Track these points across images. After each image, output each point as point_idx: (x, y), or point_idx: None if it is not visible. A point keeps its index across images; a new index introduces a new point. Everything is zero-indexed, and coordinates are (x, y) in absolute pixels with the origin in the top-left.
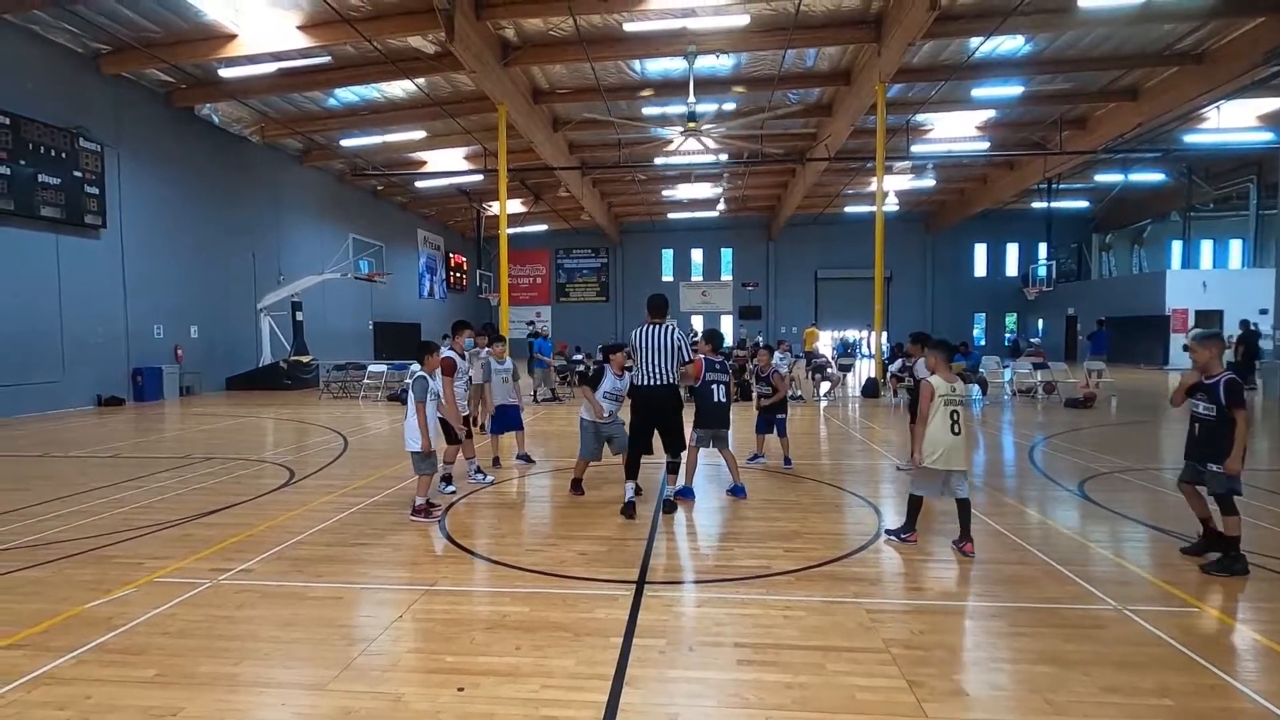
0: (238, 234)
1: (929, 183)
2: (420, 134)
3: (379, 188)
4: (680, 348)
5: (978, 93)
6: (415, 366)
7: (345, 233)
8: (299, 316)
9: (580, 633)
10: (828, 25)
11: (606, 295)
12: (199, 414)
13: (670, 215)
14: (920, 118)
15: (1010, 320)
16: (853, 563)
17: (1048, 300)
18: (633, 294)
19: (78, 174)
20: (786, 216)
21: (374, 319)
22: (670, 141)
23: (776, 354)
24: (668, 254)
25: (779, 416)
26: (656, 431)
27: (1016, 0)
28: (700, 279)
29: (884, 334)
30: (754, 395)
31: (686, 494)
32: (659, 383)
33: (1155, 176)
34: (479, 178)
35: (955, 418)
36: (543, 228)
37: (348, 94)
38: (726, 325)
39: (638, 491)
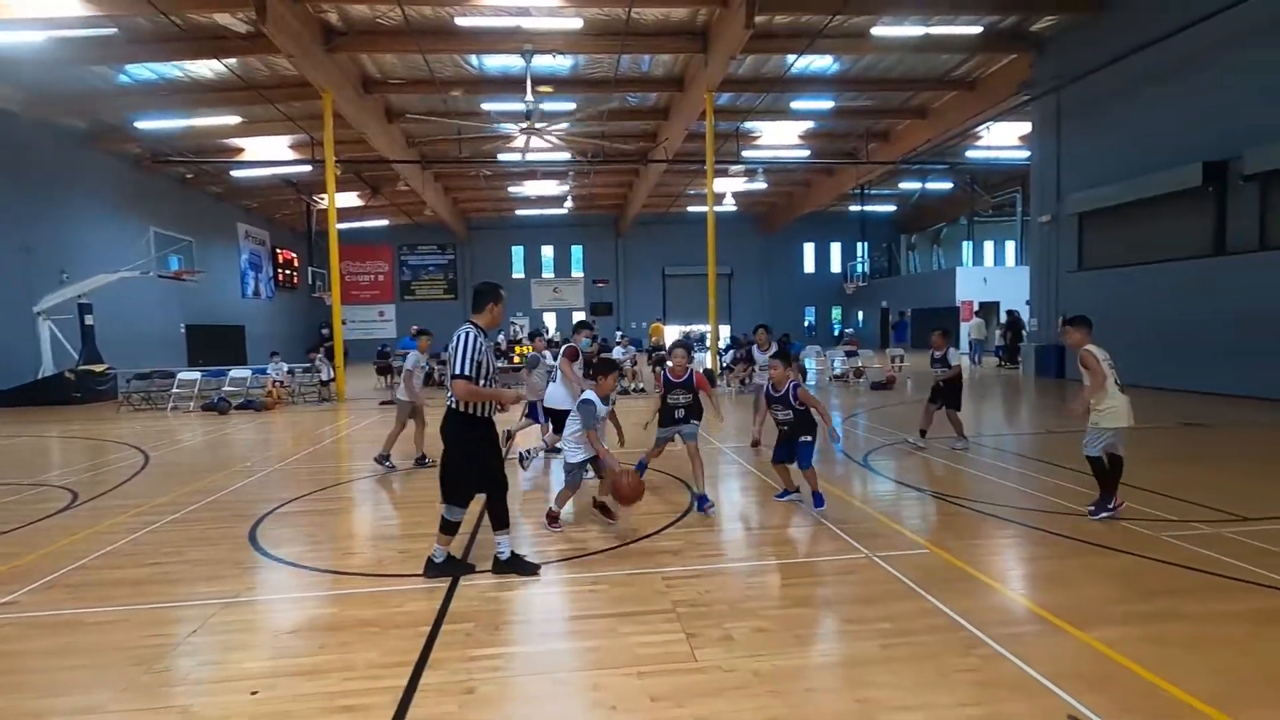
0: (3, 225)
1: (761, 185)
2: (234, 119)
3: (188, 176)
4: (456, 357)
5: (797, 105)
6: (587, 392)
7: (148, 225)
8: (88, 320)
9: (388, 626)
10: (658, 34)
11: (455, 293)
12: None
13: (519, 212)
14: (749, 125)
15: (836, 313)
16: (661, 537)
17: (865, 294)
18: None
19: None
20: (633, 215)
21: (187, 321)
22: (513, 138)
23: (618, 348)
24: (518, 250)
25: (804, 440)
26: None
27: (822, 24)
28: (552, 276)
29: (725, 328)
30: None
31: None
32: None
33: (946, 185)
34: (307, 168)
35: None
36: (383, 223)
37: (142, 70)
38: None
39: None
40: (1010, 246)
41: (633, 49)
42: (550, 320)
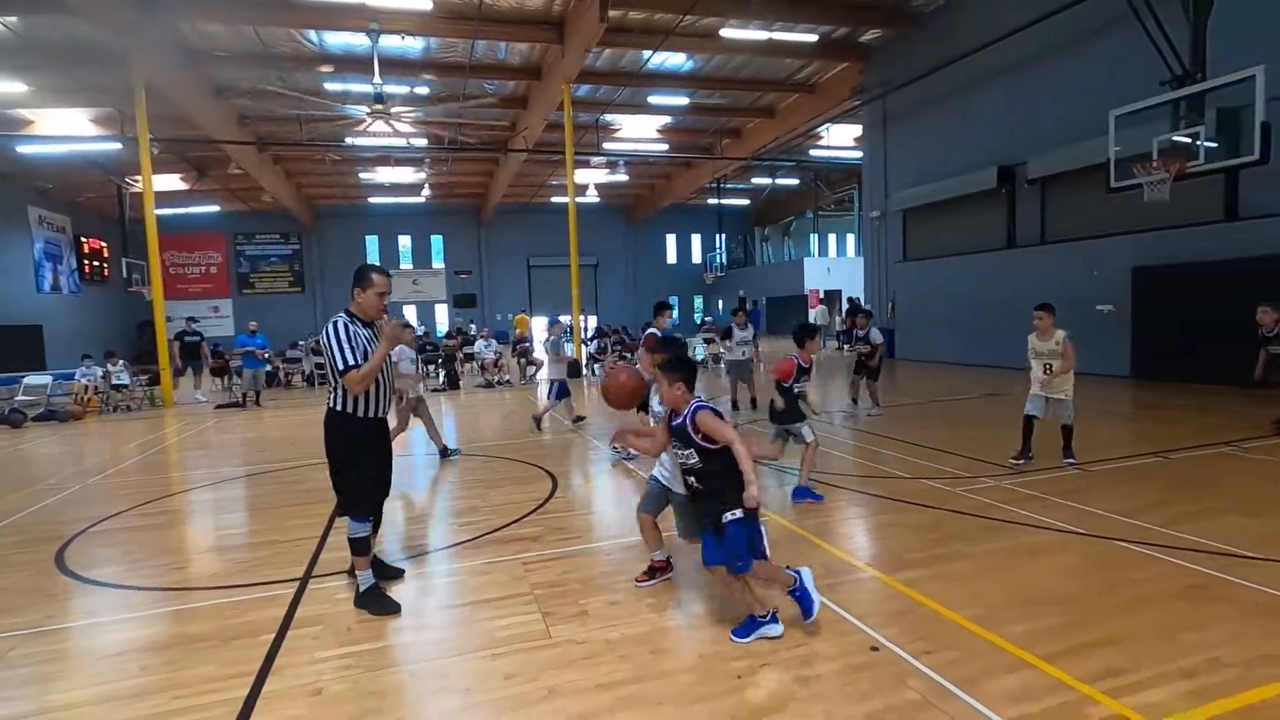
0: None
1: (623, 178)
2: (20, 86)
3: None
4: (333, 352)
5: (654, 100)
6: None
7: None
8: None
9: (227, 639)
10: (513, 21)
11: (301, 285)
12: None
13: (372, 199)
14: (609, 117)
15: (699, 302)
16: (522, 525)
17: (724, 284)
18: (334, 283)
19: None
20: (495, 204)
21: None
22: (361, 121)
23: (480, 342)
24: (372, 240)
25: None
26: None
27: (674, 22)
28: (410, 267)
29: (592, 319)
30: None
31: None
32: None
33: (793, 181)
34: (116, 146)
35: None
36: (214, 208)
37: None
38: (441, 314)
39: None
40: (850, 239)
41: (488, 35)
42: (410, 313)
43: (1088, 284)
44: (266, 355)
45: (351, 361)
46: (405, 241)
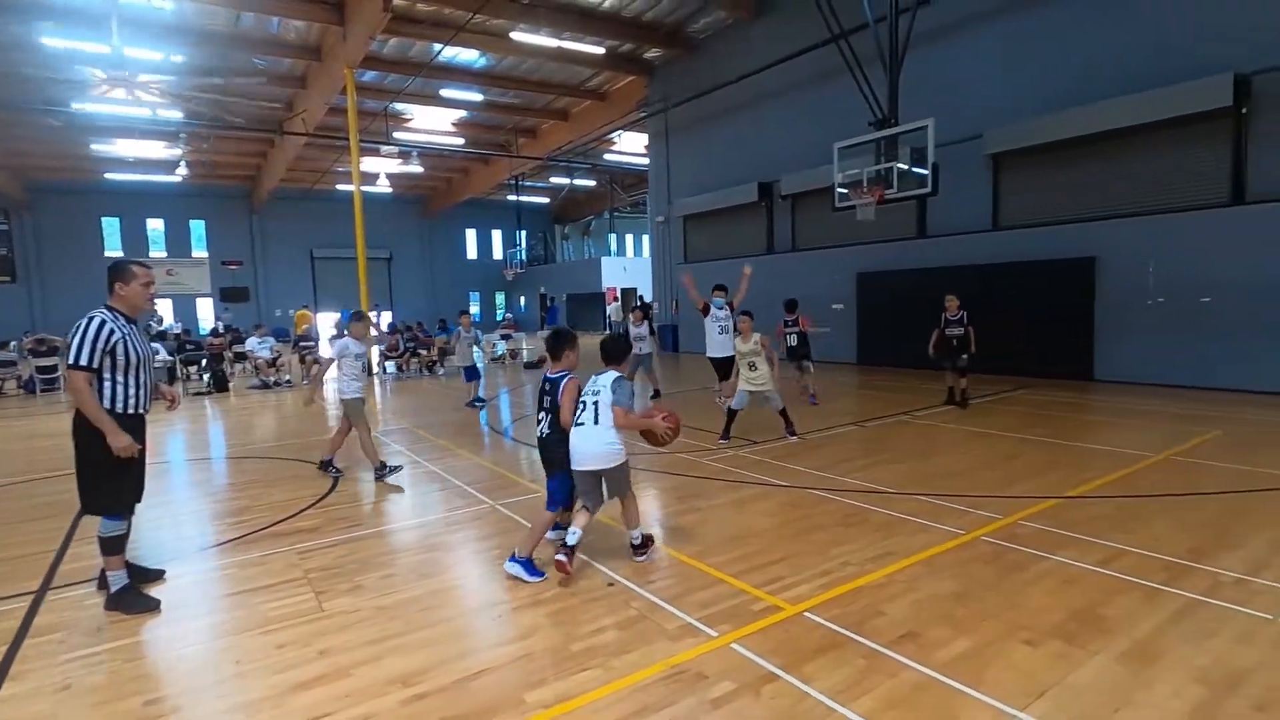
0: None
1: (418, 169)
2: None
3: None
4: (72, 345)
5: (447, 93)
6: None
7: None
8: None
9: None
10: None
11: (12, 274)
12: None
13: (110, 175)
14: (400, 106)
15: (500, 298)
16: (300, 519)
17: (526, 280)
18: (56, 272)
19: None
20: (271, 189)
21: None
22: (98, 86)
23: (252, 339)
24: (111, 223)
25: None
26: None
27: (464, 18)
28: (164, 254)
29: (387, 314)
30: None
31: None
32: None
33: (590, 183)
34: None
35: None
36: None
37: None
38: (205, 309)
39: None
40: (645, 240)
41: (254, 7)
42: (166, 309)
43: (828, 286)
44: None
45: (84, 362)
46: (156, 225)
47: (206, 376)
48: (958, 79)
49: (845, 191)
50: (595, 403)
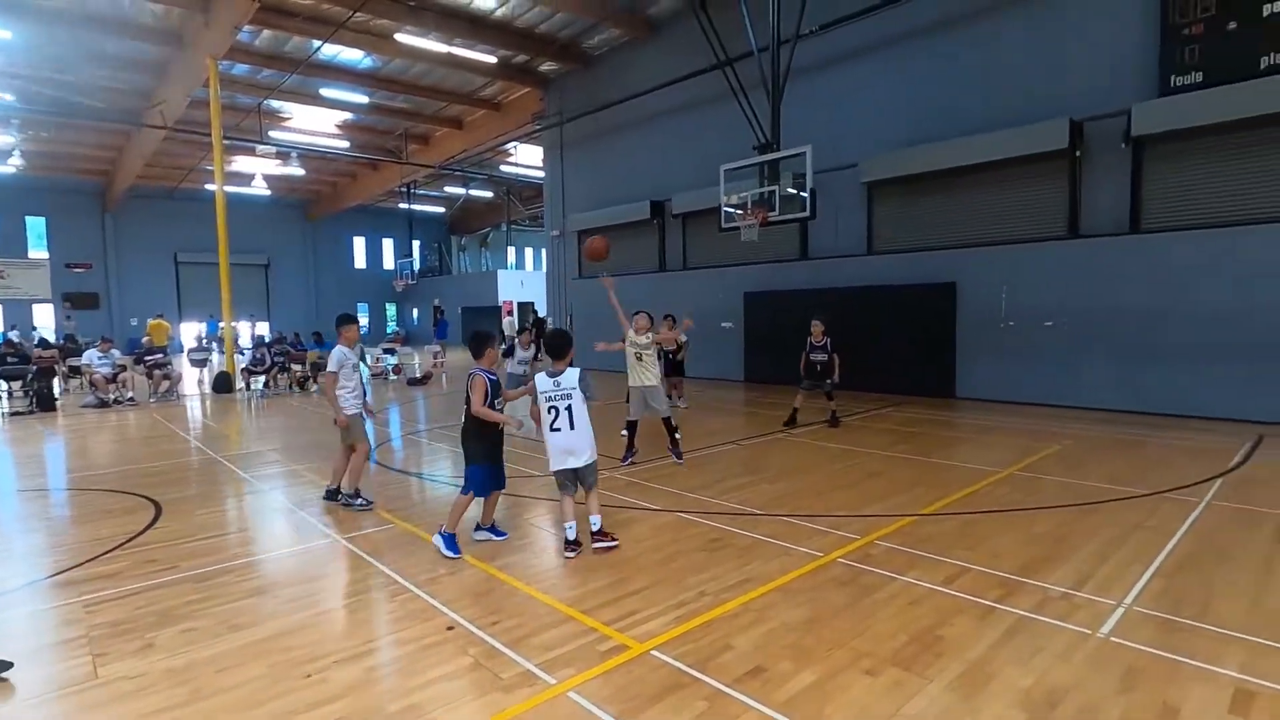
0: None
1: (299, 171)
2: None
3: None
4: None
5: (328, 93)
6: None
7: None
8: None
9: None
10: None
11: None
12: None
13: None
14: (277, 104)
15: (391, 310)
16: (101, 562)
17: (419, 291)
18: None
19: None
20: (127, 186)
21: None
22: None
23: (91, 351)
24: None
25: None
26: None
27: (344, 15)
28: None
29: (264, 324)
30: None
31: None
32: None
33: (487, 194)
34: None
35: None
36: None
37: None
38: (46, 315)
39: None
40: (544, 253)
41: None
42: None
43: (717, 304)
44: None
45: None
46: None
47: (29, 394)
48: (837, 109)
49: (732, 212)
50: (569, 406)
